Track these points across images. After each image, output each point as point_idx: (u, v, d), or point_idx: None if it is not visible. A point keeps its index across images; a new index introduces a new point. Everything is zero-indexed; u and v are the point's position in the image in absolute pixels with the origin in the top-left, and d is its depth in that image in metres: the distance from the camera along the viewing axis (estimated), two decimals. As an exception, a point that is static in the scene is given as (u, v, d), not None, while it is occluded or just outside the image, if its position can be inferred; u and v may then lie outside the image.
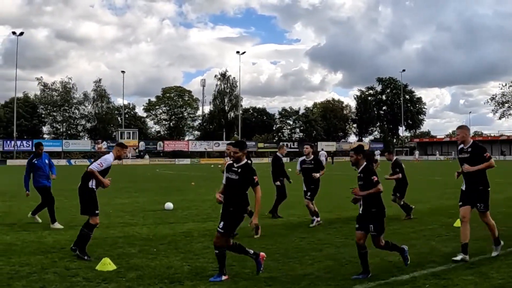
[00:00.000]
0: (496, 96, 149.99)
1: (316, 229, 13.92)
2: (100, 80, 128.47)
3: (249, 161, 9.47)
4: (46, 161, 15.71)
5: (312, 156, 15.92)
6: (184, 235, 13.29)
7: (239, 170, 9.24)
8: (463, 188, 10.62)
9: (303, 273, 9.17)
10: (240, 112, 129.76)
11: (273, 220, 16.43)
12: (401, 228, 14.35)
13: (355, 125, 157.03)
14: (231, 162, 9.50)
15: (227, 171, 9.43)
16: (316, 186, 15.66)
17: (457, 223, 14.52)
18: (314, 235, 13.20)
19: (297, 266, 9.81)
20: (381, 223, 9.23)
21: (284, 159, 19.69)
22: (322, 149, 70.92)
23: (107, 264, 9.63)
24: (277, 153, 18.33)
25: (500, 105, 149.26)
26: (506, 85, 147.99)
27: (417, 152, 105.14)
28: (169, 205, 19.14)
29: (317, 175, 15.43)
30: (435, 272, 9.20)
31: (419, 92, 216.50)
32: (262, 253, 9.40)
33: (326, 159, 61.64)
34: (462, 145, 10.71)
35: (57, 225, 14.85)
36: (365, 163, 9.46)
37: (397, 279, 8.78)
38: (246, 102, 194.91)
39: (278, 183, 17.52)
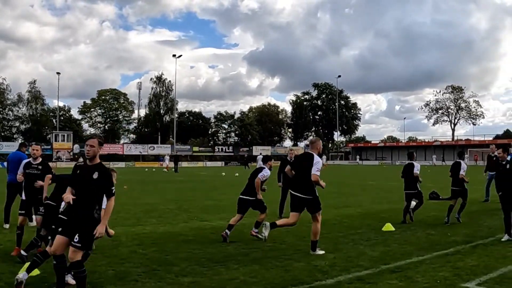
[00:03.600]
0: (430, 102, 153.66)
1: (244, 234, 13.78)
2: (35, 81, 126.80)
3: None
4: None
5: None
6: (112, 239, 12.96)
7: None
8: None
9: (228, 278, 9.05)
10: (176, 115, 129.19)
11: (201, 223, 16.31)
12: (331, 232, 14.36)
13: (290, 130, 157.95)
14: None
15: None
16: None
17: (386, 227, 14.67)
18: (242, 239, 13.09)
19: (223, 271, 9.65)
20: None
21: (219, 163, 19.68)
22: (261, 153, 70.76)
23: (31, 269, 9.35)
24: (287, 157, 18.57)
25: (434, 112, 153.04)
26: (440, 92, 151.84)
27: (324, 157, 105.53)
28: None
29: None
30: (360, 276, 9.16)
31: (356, 98, 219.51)
32: None
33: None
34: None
35: None
36: None
37: (322, 283, 8.70)
38: (183, 106, 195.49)
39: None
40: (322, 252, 11.40)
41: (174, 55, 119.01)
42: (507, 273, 9.39)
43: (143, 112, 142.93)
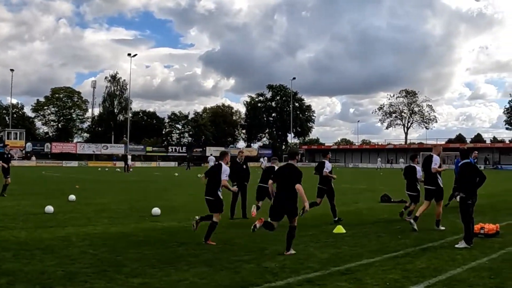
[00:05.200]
0: (384, 106, 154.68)
1: (196, 235, 13.70)
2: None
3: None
4: None
5: None
6: (62, 240, 12.93)
7: None
8: None
9: (178, 279, 9.04)
10: (130, 115, 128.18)
11: (152, 224, 16.25)
12: (281, 234, 14.36)
13: (244, 131, 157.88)
14: None
15: None
16: None
17: (337, 230, 14.77)
18: (194, 240, 13.04)
19: (173, 272, 9.63)
20: None
21: (173, 163, 19.68)
22: (211, 154, 70.78)
23: (-24, 269, 9.23)
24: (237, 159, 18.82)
25: (388, 115, 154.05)
26: (394, 96, 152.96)
27: (265, 159, 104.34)
28: (49, 208, 18.61)
29: None
30: (310, 278, 9.22)
31: (310, 100, 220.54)
32: None
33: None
34: None
35: None
36: None
37: (271, 285, 8.74)
38: (138, 105, 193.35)
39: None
40: (443, 228, 15.28)
41: (129, 54, 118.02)
42: (455, 275, 9.56)
43: (97, 111, 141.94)
